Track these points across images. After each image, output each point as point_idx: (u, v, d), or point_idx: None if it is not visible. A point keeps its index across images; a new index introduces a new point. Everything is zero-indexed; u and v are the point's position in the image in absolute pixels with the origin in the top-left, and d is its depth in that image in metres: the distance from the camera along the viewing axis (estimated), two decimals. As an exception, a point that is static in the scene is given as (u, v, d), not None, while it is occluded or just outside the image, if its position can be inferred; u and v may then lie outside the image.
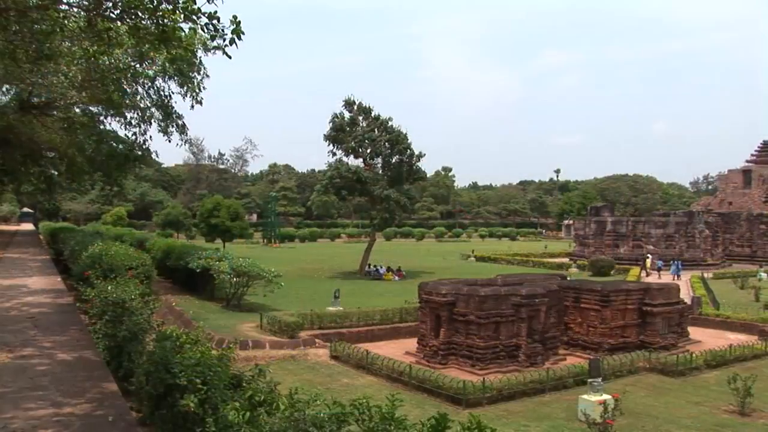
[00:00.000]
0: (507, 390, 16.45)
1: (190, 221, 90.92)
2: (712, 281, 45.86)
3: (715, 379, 18.69)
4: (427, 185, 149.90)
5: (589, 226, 66.99)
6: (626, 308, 22.80)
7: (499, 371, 18.78)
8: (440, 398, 16.19)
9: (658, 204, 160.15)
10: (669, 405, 16.17)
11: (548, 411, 15.49)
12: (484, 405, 15.68)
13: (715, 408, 15.96)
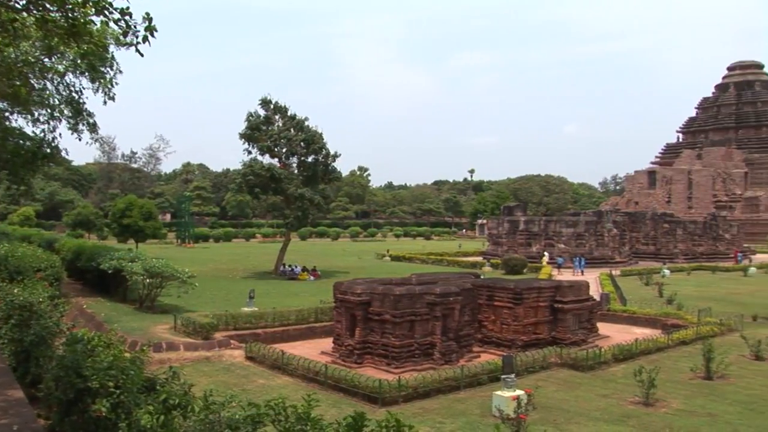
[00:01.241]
0: (422, 388, 16.58)
1: (101, 221, 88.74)
2: (619, 278, 47.25)
3: (622, 372, 19.25)
4: (343, 185, 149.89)
5: (502, 226, 68.07)
6: (538, 306, 23.25)
7: (415, 369, 18.92)
8: (356, 397, 16.23)
9: (569, 204, 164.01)
10: (579, 398, 16.58)
11: (463, 407, 15.69)
12: (400, 403, 15.79)
13: (622, 400, 16.45)
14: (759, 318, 29.88)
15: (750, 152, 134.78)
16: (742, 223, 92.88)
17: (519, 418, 13.21)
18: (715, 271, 57.72)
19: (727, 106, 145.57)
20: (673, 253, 68.86)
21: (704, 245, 72.63)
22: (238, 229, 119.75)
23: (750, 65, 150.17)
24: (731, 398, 16.80)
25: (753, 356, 21.45)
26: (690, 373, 19.08)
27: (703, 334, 24.45)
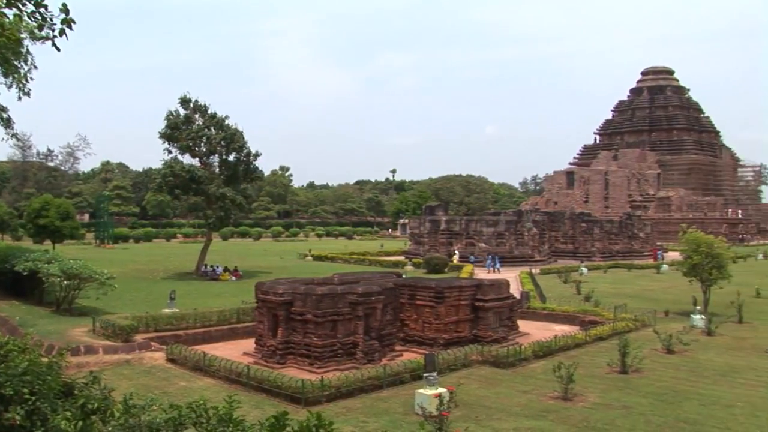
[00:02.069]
0: (345, 387, 16.60)
1: (16, 222, 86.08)
2: (539, 276, 48.07)
3: (541, 369, 19.61)
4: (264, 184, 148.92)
5: (423, 225, 68.57)
6: (459, 304, 23.50)
7: (338, 369, 18.93)
8: (279, 398, 16.16)
9: (490, 203, 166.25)
10: (500, 395, 16.84)
11: (386, 406, 15.78)
12: (323, 403, 15.78)
13: (541, 395, 16.78)
14: (670, 313, 30.85)
15: (662, 154, 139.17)
16: (655, 222, 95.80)
17: (441, 416, 13.34)
18: (631, 269, 59.32)
19: (641, 110, 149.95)
20: (590, 251, 70.47)
21: (620, 244, 74.59)
22: (158, 229, 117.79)
23: (662, 71, 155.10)
24: (644, 390, 17.33)
25: (665, 350, 22.14)
26: (606, 368, 19.59)
27: (619, 330, 25.10)
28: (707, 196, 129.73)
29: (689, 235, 31.75)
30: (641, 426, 14.36)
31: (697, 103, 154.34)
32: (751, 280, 45.69)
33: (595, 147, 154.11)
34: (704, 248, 30.44)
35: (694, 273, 31.11)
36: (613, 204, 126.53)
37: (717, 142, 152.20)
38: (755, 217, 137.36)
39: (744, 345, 23.91)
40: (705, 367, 20.35)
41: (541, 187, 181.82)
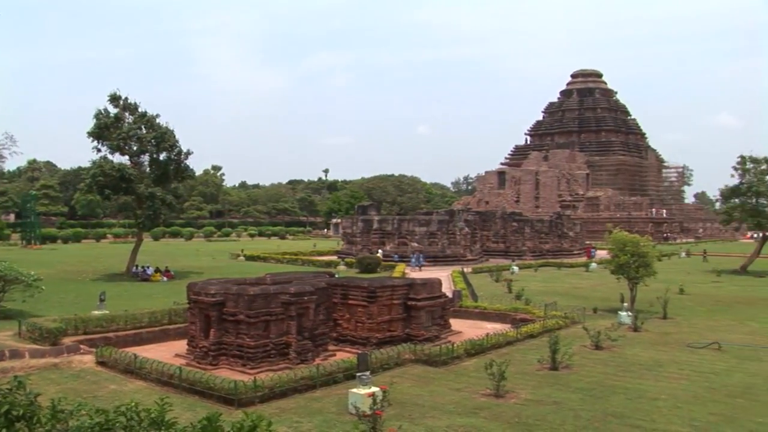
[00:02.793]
0: (279, 388, 16.51)
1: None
2: (471, 275, 48.51)
3: (474, 366, 19.80)
4: (196, 184, 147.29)
5: (356, 225, 68.65)
6: (392, 303, 23.56)
7: (271, 370, 18.82)
8: (212, 399, 15.99)
9: (422, 203, 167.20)
10: (433, 393, 16.95)
11: (320, 406, 15.75)
12: (256, 404, 15.67)
13: (474, 392, 16.95)
14: (599, 310, 31.44)
15: (591, 155, 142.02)
16: (584, 221, 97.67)
17: (375, 415, 13.38)
18: (561, 267, 60.35)
19: (570, 111, 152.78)
20: (521, 250, 71.42)
21: (550, 243, 75.77)
22: (88, 229, 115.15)
23: (591, 74, 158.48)
24: (574, 386, 17.66)
25: (593, 346, 22.58)
26: (537, 365, 19.89)
27: (549, 327, 25.51)
28: (634, 196, 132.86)
29: (615, 234, 32.45)
30: (571, 421, 14.64)
31: (624, 106, 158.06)
32: (675, 277, 47.01)
33: (526, 147, 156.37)
34: (630, 247, 31.13)
35: (621, 271, 31.78)
36: (544, 204, 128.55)
37: (643, 143, 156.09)
38: (679, 216, 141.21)
39: (668, 340, 24.57)
40: (631, 362, 20.85)
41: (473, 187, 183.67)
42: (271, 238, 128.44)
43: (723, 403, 16.29)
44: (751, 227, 68.72)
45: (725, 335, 25.44)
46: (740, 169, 58.97)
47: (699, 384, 18.13)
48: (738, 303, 36.13)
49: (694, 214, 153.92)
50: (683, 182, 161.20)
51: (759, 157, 58.47)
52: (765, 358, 21.75)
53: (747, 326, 28.28)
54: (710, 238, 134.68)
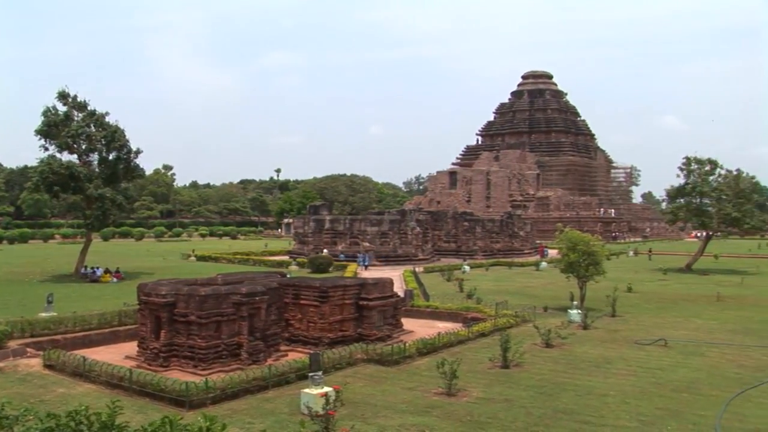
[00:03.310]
0: (231, 389, 16.41)
1: None
2: (423, 275, 48.71)
3: (426, 365, 19.89)
4: (147, 183, 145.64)
5: (308, 225, 68.49)
6: (344, 303, 23.56)
7: (222, 371, 18.70)
8: (163, 402, 15.83)
9: (374, 203, 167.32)
10: (386, 392, 17.01)
11: (272, 407, 15.70)
12: (208, 405, 15.56)
13: (426, 391, 17.04)
14: (549, 309, 31.81)
15: (541, 155, 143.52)
16: (534, 221, 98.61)
17: (328, 415, 13.39)
18: (511, 267, 60.90)
19: (521, 112, 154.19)
20: (472, 250, 71.88)
21: (501, 242, 76.39)
22: (35, 229, 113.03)
23: (541, 75, 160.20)
24: (525, 384, 17.87)
25: (544, 344, 22.85)
26: (489, 363, 20.05)
27: (501, 326, 25.72)
28: (583, 195, 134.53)
29: (566, 233, 32.83)
30: (522, 418, 14.80)
31: (574, 107, 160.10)
32: (623, 275, 47.80)
33: (477, 148, 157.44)
34: (581, 246, 31.54)
35: (571, 270, 32.17)
36: (495, 203, 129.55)
37: (592, 144, 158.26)
38: (627, 216, 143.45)
39: (617, 337, 24.98)
40: (581, 359, 21.16)
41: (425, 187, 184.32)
42: (223, 238, 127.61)
43: (668, 397, 16.66)
44: (696, 226, 70.14)
45: (671, 332, 25.99)
46: (685, 170, 60.25)
47: (646, 379, 18.51)
48: (683, 300, 36.87)
49: (641, 214, 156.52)
50: (631, 182, 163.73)
51: (703, 159, 59.86)
52: (708, 353, 22.27)
53: (692, 323, 28.89)
54: (657, 237, 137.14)
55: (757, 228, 64.69)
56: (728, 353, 22.34)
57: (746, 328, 27.70)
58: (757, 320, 29.78)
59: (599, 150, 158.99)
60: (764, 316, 31.09)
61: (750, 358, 21.55)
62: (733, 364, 20.62)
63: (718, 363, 20.83)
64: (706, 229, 63.27)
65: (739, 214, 57.95)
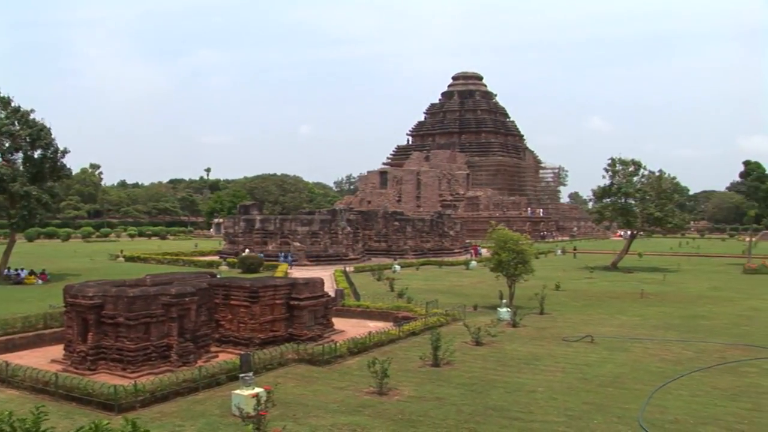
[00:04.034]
0: (160, 391, 16.20)
1: None
2: (353, 274, 48.77)
3: (357, 365, 19.97)
4: (73, 183, 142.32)
5: (238, 224, 67.96)
6: (275, 303, 23.47)
7: (152, 373, 18.47)
8: (91, 406, 15.53)
9: (305, 202, 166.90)
10: (317, 392, 17.02)
11: (203, 409, 15.57)
12: (137, 409, 15.34)
13: (357, 391, 17.11)
14: (479, 307, 32.21)
15: (471, 155, 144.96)
16: (464, 220, 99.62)
17: (259, 415, 13.37)
18: (442, 266, 61.33)
19: (452, 113, 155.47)
20: (403, 249, 72.22)
21: (431, 241, 76.94)
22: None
23: (471, 76, 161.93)
24: (456, 382, 18.08)
25: (474, 342, 23.14)
26: (420, 362, 20.22)
27: (431, 325, 25.95)
28: (513, 195, 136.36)
29: (497, 232, 33.24)
30: (453, 415, 14.99)
31: (503, 108, 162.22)
32: (551, 274, 48.68)
33: (407, 148, 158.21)
34: (511, 245, 32.00)
35: (500, 268, 32.61)
36: (425, 203, 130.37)
37: (521, 145, 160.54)
38: (555, 215, 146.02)
39: (545, 335, 25.47)
40: (510, 356, 21.51)
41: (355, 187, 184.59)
42: (152, 238, 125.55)
43: (595, 392, 17.10)
44: (621, 226, 71.82)
45: (597, 328, 26.63)
46: (610, 171, 61.67)
47: (573, 375, 18.94)
48: (609, 298, 37.78)
49: (569, 213, 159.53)
50: (559, 182, 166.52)
51: (627, 160, 61.39)
52: (632, 348, 22.92)
53: (617, 319, 29.65)
54: (584, 236, 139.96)
55: (679, 227, 66.62)
56: (651, 348, 23.04)
57: (668, 323, 28.60)
58: (677, 316, 30.76)
59: (528, 150, 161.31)
60: (685, 312, 32.11)
61: (671, 353, 22.29)
62: (656, 359, 21.29)
63: (641, 358, 21.47)
64: (631, 228, 64.88)
65: (661, 214, 59.58)
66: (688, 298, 38.08)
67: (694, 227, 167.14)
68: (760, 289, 42.74)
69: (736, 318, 30.31)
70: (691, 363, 20.70)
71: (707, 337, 25.21)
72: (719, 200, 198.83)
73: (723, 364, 20.69)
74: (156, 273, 27.82)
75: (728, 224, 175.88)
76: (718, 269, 60.61)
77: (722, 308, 33.57)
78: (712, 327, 27.82)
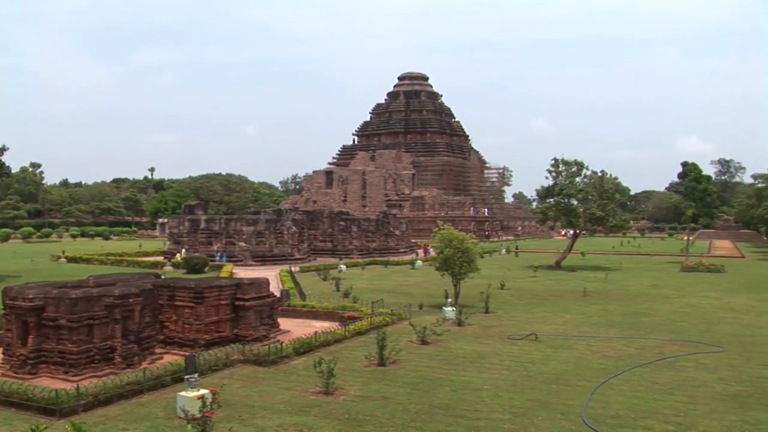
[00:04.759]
0: (103, 395, 15.96)
1: None
2: (299, 274, 48.59)
3: (303, 365, 19.94)
4: (12, 182, 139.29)
5: (183, 224, 67.19)
6: (220, 304, 23.30)
7: (95, 376, 18.20)
8: (31, 411, 15.21)
9: (250, 202, 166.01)
10: (263, 393, 16.96)
11: (147, 411, 15.40)
12: (79, 413, 15.08)
13: (304, 391, 17.10)
14: (425, 306, 32.39)
15: (417, 155, 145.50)
16: (410, 220, 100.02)
17: (205, 417, 13.28)
18: (387, 265, 61.39)
19: (397, 113, 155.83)
20: (348, 249, 72.21)
21: (377, 241, 77.07)
22: None
23: (417, 77, 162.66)
24: (402, 381, 18.18)
25: (419, 341, 23.28)
26: (366, 361, 20.27)
27: (377, 324, 26.04)
28: (458, 195, 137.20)
29: (442, 231, 33.42)
30: (399, 414, 15.07)
31: (449, 108, 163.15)
32: (496, 273, 49.15)
33: (353, 148, 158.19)
34: (455, 244, 32.21)
35: (446, 267, 32.81)
36: (371, 203, 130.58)
37: (466, 145, 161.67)
38: (500, 215, 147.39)
39: (490, 333, 25.74)
40: (456, 355, 21.70)
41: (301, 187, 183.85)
42: (95, 238, 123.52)
43: (539, 389, 17.36)
44: (564, 225, 72.86)
45: (541, 326, 27.02)
46: (554, 171, 62.47)
47: (518, 373, 19.19)
48: (552, 296, 38.32)
49: (513, 213, 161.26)
50: (503, 182, 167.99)
51: (570, 160, 62.25)
52: (575, 346, 23.31)
53: (560, 317, 30.11)
54: (528, 236, 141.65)
55: (620, 226, 67.79)
56: (593, 345, 23.48)
57: (609, 321, 29.17)
58: (619, 313, 31.37)
59: (473, 151, 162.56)
60: (626, 309, 32.77)
61: (613, 349, 22.74)
62: (598, 356, 21.70)
63: (584, 355, 21.85)
64: (574, 228, 65.80)
65: (603, 214, 60.56)
66: (630, 295, 38.86)
67: (635, 226, 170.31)
68: (697, 287, 43.85)
69: (674, 315, 31.05)
70: (631, 359, 21.17)
71: (647, 334, 25.80)
72: (659, 200, 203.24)
73: (661, 359, 21.22)
74: (99, 274, 27.36)
75: (667, 223, 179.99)
76: (658, 267, 61.94)
77: (661, 305, 34.35)
78: (652, 324, 28.46)
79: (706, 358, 21.42)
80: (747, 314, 31.55)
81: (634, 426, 14.36)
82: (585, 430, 14.14)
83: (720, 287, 43.80)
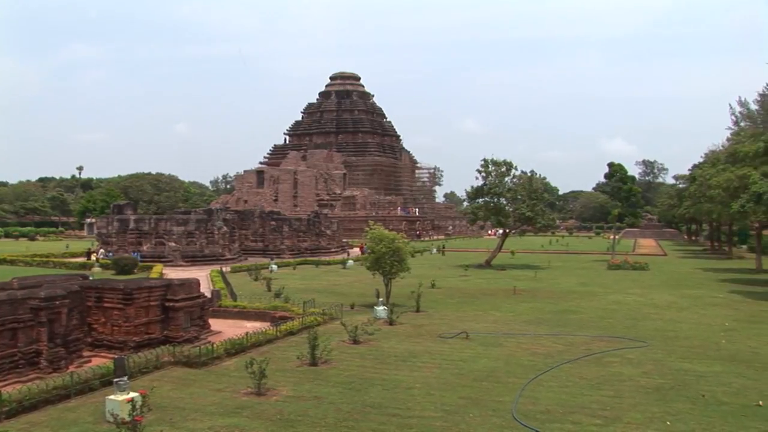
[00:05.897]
0: (28, 400, 15.57)
1: None
2: (230, 275, 48.20)
3: (234, 366, 19.82)
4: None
5: (112, 225, 66.05)
6: (149, 305, 23.00)
7: (19, 381, 17.77)
8: (-50, 418, 14.85)
9: (180, 202, 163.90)
10: (194, 395, 16.80)
11: (75, 416, 15.10)
12: (2, 420, 14.70)
13: (235, 392, 16.99)
14: (356, 306, 32.46)
15: (348, 155, 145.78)
16: (341, 220, 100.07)
17: (135, 421, 13.11)
18: (318, 265, 61.35)
19: (329, 113, 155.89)
20: (280, 249, 71.95)
21: (308, 241, 76.98)
22: None
23: (349, 77, 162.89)
24: (334, 380, 18.21)
25: (351, 341, 23.33)
26: (297, 361, 20.22)
27: (309, 324, 25.98)
28: (389, 195, 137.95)
29: (373, 231, 33.52)
30: (332, 414, 15.11)
31: (380, 109, 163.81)
32: (427, 272, 49.57)
33: (284, 147, 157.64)
34: (386, 243, 32.36)
35: (377, 266, 32.93)
36: (302, 203, 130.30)
37: (398, 145, 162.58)
38: (431, 214, 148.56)
39: (421, 332, 25.93)
40: (388, 354, 21.81)
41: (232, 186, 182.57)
42: (20, 239, 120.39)
43: (470, 387, 17.58)
44: (494, 225, 73.79)
45: (472, 325, 27.34)
46: (483, 172, 63.20)
47: (449, 371, 19.40)
48: (483, 295, 38.77)
49: (444, 213, 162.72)
50: (434, 182, 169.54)
51: (499, 161, 63.07)
52: (506, 343, 23.64)
53: (491, 315, 30.51)
54: (459, 235, 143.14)
55: (549, 226, 68.99)
56: (523, 342, 23.86)
57: (539, 318, 29.68)
58: (548, 311, 31.96)
59: (404, 151, 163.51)
60: (555, 307, 33.39)
61: (542, 346, 23.16)
62: (528, 353, 22.07)
63: (514, 352, 22.19)
64: (504, 227, 66.70)
65: (532, 213, 61.52)
66: (558, 293, 39.61)
67: (563, 226, 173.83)
68: (623, 284, 44.97)
69: (601, 311, 31.77)
70: (560, 356, 21.60)
71: (575, 331, 26.35)
72: (586, 200, 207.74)
73: (589, 355, 21.70)
74: (24, 276, 26.70)
75: (594, 222, 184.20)
76: (586, 265, 63.30)
77: (589, 302, 35.11)
78: (580, 321, 29.07)
79: (631, 353, 21.99)
80: (669, 310, 32.50)
81: (563, 420, 14.66)
82: (515, 426, 14.37)
83: (644, 284, 45.01)
